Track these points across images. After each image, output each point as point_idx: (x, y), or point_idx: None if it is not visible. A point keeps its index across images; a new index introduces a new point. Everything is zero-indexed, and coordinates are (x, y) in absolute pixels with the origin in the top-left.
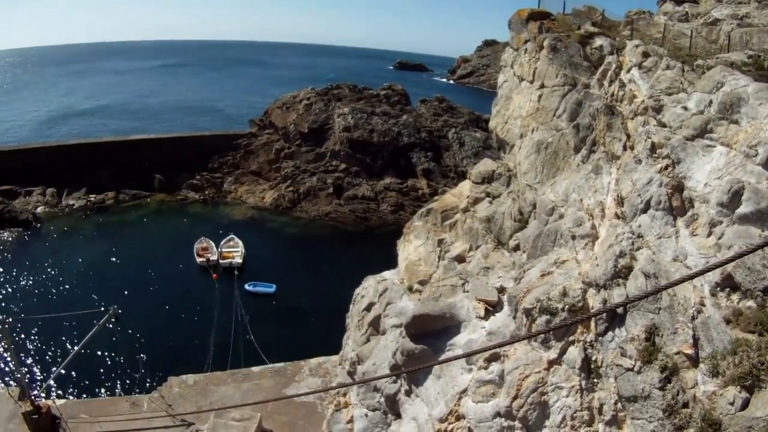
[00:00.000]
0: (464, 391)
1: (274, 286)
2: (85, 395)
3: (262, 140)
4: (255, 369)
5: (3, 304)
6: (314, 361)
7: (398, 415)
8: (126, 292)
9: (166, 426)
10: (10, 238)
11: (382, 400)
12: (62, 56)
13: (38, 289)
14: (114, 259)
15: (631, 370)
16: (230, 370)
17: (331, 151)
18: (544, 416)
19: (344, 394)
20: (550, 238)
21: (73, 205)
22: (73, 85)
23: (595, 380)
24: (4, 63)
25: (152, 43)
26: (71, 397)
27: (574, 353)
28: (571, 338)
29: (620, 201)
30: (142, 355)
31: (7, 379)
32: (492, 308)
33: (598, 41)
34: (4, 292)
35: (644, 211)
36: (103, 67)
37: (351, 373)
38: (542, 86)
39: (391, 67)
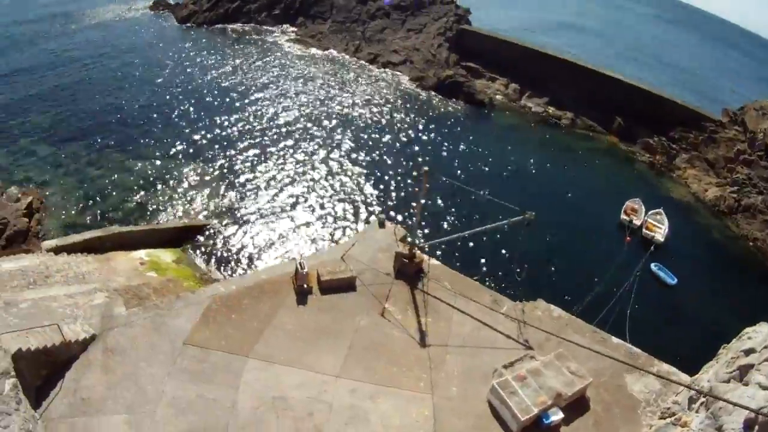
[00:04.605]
0: None
1: (676, 279)
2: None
3: (728, 134)
4: (614, 339)
5: (426, 159)
6: (666, 366)
7: None
8: (541, 206)
9: (507, 335)
10: (460, 111)
11: None
12: None
13: (468, 163)
14: (545, 172)
15: None
16: (593, 326)
17: None
18: None
19: (687, 414)
20: None
21: (530, 108)
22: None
23: None
24: None
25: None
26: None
27: None
28: None
29: None
30: (526, 265)
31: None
32: None
33: None
34: (440, 155)
35: None
36: None
37: (693, 399)
38: None
39: None
